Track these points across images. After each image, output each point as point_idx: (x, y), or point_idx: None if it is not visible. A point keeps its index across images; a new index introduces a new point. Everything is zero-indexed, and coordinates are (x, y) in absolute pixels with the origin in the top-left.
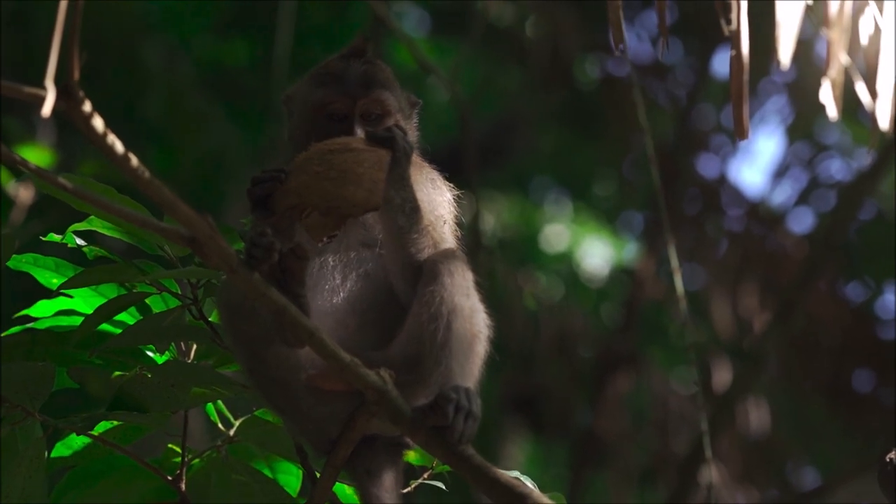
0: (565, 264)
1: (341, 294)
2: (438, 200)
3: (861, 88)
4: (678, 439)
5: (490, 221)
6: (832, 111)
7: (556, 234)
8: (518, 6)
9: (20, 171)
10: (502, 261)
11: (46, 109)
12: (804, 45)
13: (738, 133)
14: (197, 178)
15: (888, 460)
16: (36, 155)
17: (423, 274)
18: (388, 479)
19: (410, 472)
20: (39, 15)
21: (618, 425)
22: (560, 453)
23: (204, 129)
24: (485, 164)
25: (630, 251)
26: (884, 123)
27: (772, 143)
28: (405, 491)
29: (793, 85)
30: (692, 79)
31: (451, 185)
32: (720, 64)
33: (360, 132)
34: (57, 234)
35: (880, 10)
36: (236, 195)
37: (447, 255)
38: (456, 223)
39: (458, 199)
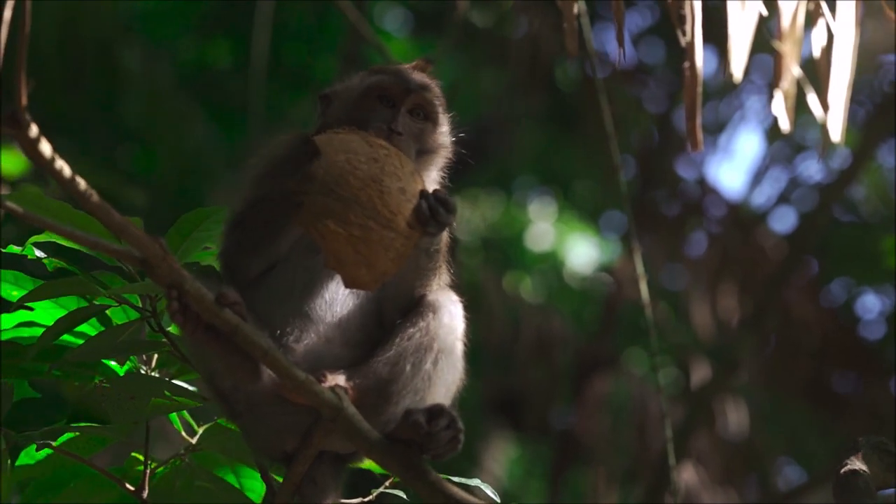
0: (549, 264)
1: (333, 308)
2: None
3: (813, 100)
4: (658, 440)
5: (474, 221)
6: (784, 123)
7: (541, 233)
8: (498, 7)
9: None
10: (484, 261)
11: None
12: None
13: (691, 144)
14: (175, 179)
15: (842, 473)
16: (11, 161)
17: (423, 305)
18: (331, 491)
19: (372, 480)
20: None
21: (598, 426)
22: (542, 454)
23: (183, 130)
24: (467, 163)
25: (614, 251)
26: (835, 136)
27: (752, 142)
28: (367, 499)
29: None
30: (673, 79)
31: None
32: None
33: (402, 120)
34: (19, 244)
35: (833, 20)
36: (214, 196)
37: (451, 297)
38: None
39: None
